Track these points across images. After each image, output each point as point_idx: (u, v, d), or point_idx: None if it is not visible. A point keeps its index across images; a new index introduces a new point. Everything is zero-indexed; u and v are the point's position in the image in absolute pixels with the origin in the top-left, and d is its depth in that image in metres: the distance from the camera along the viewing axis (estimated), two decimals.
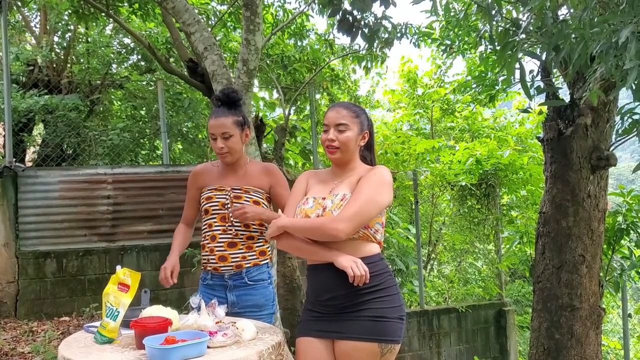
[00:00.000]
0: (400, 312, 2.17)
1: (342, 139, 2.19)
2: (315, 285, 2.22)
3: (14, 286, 5.00)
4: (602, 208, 4.48)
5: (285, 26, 6.97)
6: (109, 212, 5.40)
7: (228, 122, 2.58)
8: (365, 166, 2.30)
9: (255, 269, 2.62)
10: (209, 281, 2.64)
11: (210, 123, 2.61)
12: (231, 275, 2.59)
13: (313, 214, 2.17)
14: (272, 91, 8.22)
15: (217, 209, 2.62)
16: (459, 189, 7.25)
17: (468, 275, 7.64)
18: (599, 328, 4.50)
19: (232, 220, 2.58)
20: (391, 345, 2.12)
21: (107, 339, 2.00)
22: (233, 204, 2.60)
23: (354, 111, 2.24)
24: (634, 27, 2.33)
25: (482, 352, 6.71)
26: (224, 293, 2.60)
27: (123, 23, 6.15)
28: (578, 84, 4.36)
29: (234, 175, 2.68)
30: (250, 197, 2.63)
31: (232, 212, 2.54)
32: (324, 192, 2.25)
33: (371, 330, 2.10)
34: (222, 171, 2.70)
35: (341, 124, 2.20)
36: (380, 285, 2.14)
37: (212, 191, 2.65)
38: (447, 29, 6.43)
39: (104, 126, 7.14)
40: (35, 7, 7.50)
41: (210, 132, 2.60)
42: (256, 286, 2.61)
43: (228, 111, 2.61)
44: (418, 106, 10.35)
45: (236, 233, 2.60)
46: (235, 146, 2.60)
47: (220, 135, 2.57)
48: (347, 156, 2.24)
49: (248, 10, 3.52)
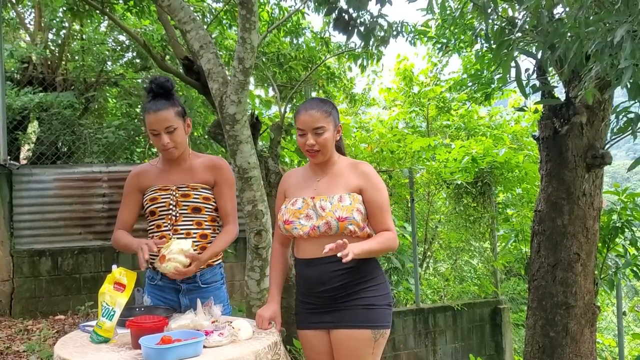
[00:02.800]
0: (388, 300, 2.30)
1: (321, 142, 2.23)
2: (308, 278, 2.29)
3: (9, 285, 4.99)
4: (597, 206, 4.50)
5: (281, 24, 6.95)
6: (104, 211, 5.38)
7: (170, 115, 2.37)
8: (342, 157, 2.37)
9: (209, 271, 2.49)
10: (158, 282, 2.48)
11: (149, 119, 2.36)
12: (184, 280, 2.42)
13: (302, 214, 2.23)
14: (268, 89, 8.20)
15: (164, 209, 2.44)
16: (454, 187, 7.26)
17: (464, 273, 7.66)
18: (593, 326, 4.52)
19: (182, 220, 2.42)
20: (383, 331, 2.25)
21: (103, 338, 2.00)
22: (180, 203, 2.43)
23: (325, 110, 2.25)
24: (629, 26, 2.33)
25: (478, 350, 6.73)
26: (176, 296, 2.46)
27: (118, 20, 6.12)
28: (573, 82, 4.37)
29: (178, 170, 2.49)
30: (199, 193, 2.47)
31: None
32: (310, 191, 2.30)
33: (364, 318, 2.22)
34: (164, 167, 2.50)
35: (317, 127, 2.22)
36: (369, 275, 2.26)
37: (156, 191, 2.47)
38: (443, 27, 6.43)
39: (99, 124, 7.11)
40: (30, 4, 7.46)
41: (151, 128, 2.37)
42: (209, 288, 2.48)
43: (167, 102, 2.39)
44: (414, 104, 10.35)
45: (188, 232, 2.43)
46: (181, 139, 2.41)
47: (163, 130, 2.35)
48: (328, 155, 2.30)
49: (244, 9, 3.50)
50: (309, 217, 2.23)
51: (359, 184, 2.25)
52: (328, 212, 2.19)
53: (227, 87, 3.59)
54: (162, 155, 2.48)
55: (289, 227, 2.26)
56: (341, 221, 2.17)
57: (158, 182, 2.48)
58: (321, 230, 2.20)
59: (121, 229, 2.55)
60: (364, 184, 2.25)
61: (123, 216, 2.55)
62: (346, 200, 2.21)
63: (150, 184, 2.50)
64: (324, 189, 2.28)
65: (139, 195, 2.53)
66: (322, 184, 2.30)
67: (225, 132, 3.59)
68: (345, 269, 2.18)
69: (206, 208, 2.48)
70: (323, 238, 2.19)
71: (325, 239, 2.18)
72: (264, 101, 8.10)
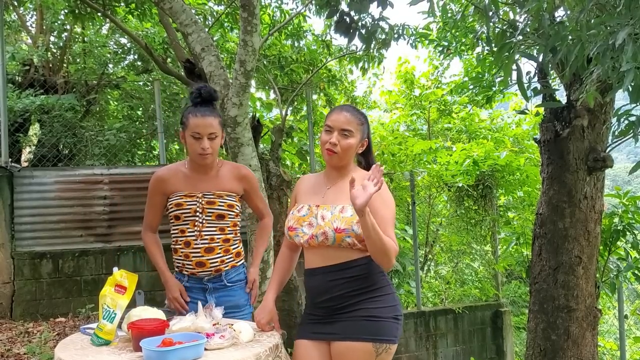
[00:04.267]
0: (395, 312, 2.18)
1: (344, 145, 2.17)
2: (312, 287, 2.23)
3: (10, 287, 4.98)
4: (598, 209, 4.49)
5: (283, 27, 6.96)
6: (105, 213, 5.38)
7: (215, 123, 2.46)
8: (360, 171, 2.28)
9: (234, 271, 2.60)
10: (186, 283, 2.58)
11: (195, 121, 2.42)
12: (210, 279, 2.56)
13: (306, 221, 2.19)
14: (269, 92, 8.20)
15: (189, 215, 2.51)
16: (455, 190, 7.25)
17: (465, 276, 7.65)
18: (595, 329, 4.51)
19: (205, 226, 2.51)
20: (386, 345, 2.12)
21: (103, 340, 1.99)
22: (206, 210, 2.51)
23: (359, 118, 2.22)
24: (630, 29, 2.33)
25: (479, 353, 6.72)
26: (203, 295, 2.55)
27: (120, 23, 6.13)
28: (575, 85, 4.37)
29: (205, 178, 2.55)
30: (224, 201, 2.55)
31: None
32: (317, 199, 2.25)
33: (365, 330, 2.10)
34: (191, 174, 2.56)
35: (346, 129, 2.17)
36: (373, 285, 2.15)
37: (181, 197, 2.52)
38: (444, 30, 6.44)
39: (100, 126, 7.11)
40: (32, 6, 7.47)
41: (196, 131, 2.42)
42: (235, 287, 2.60)
43: (213, 110, 2.49)
44: (415, 107, 10.35)
45: (212, 238, 2.53)
46: (217, 148, 2.50)
47: (207, 135, 2.43)
48: (344, 161, 2.23)
49: (245, 11, 3.51)
50: (311, 225, 2.17)
51: None
52: (327, 222, 2.13)
53: (228, 90, 3.59)
54: (196, 159, 2.50)
55: (292, 233, 2.22)
56: (338, 232, 2.09)
57: (184, 188, 2.54)
58: (319, 239, 2.14)
59: (150, 231, 2.66)
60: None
61: (149, 217, 2.65)
62: (348, 211, 2.11)
63: (175, 189, 2.55)
64: (331, 198, 2.21)
65: (163, 197, 2.59)
66: (330, 193, 2.23)
67: (226, 135, 3.59)
68: (347, 277, 2.12)
69: (229, 215, 2.57)
70: (322, 248, 2.15)
71: (324, 249, 2.14)
72: (265, 104, 8.11)
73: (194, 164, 2.54)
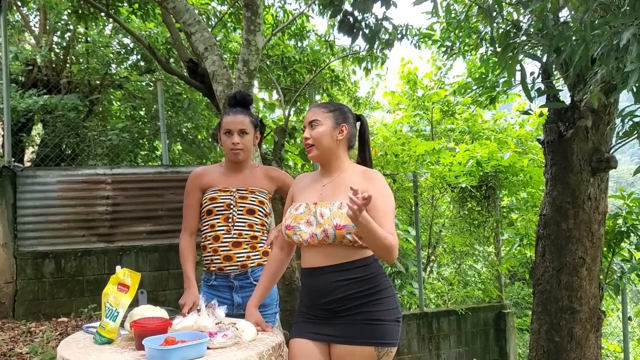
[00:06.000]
0: (396, 315, 2.17)
1: (314, 134, 2.21)
2: (311, 288, 2.20)
3: (12, 286, 4.99)
4: (602, 210, 4.47)
5: (286, 27, 6.97)
6: (107, 213, 5.38)
7: (245, 120, 2.64)
8: (356, 166, 2.28)
9: (260, 269, 2.63)
10: (213, 282, 2.64)
11: (227, 119, 2.64)
12: (237, 276, 2.61)
13: (304, 219, 2.17)
14: (272, 92, 8.21)
15: (222, 209, 2.62)
16: (459, 191, 7.24)
17: (468, 277, 7.63)
18: (598, 331, 4.49)
19: (235, 220, 2.60)
20: (387, 348, 2.11)
21: (106, 339, 1.99)
22: (238, 204, 2.61)
23: (327, 107, 2.26)
24: (635, 30, 2.33)
25: (482, 355, 6.70)
26: (230, 294, 2.61)
27: (123, 23, 6.14)
28: (579, 86, 4.36)
29: (239, 175, 2.70)
30: (256, 197, 2.67)
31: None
32: (314, 197, 2.23)
33: (367, 333, 2.09)
34: (226, 171, 2.72)
35: (313, 120, 2.22)
36: (375, 288, 2.14)
37: (216, 192, 2.66)
38: (447, 31, 6.43)
39: (103, 126, 7.12)
40: (35, 6, 7.49)
41: (227, 127, 2.62)
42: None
43: (245, 110, 2.68)
44: (418, 108, 10.34)
45: (240, 233, 2.61)
46: (249, 145, 2.66)
47: (237, 131, 2.61)
48: (324, 153, 2.23)
49: (249, 11, 3.51)
50: (309, 224, 2.15)
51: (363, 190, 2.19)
52: (326, 219, 2.10)
53: (231, 89, 3.59)
54: (229, 155, 2.67)
55: (290, 232, 2.20)
56: (338, 229, 2.08)
57: (219, 183, 2.68)
58: (319, 237, 2.12)
59: (188, 235, 2.70)
60: (368, 189, 2.16)
61: (189, 219, 2.71)
62: (346, 207, 2.10)
63: (211, 184, 2.68)
64: (328, 195, 2.19)
65: (200, 194, 2.70)
66: (327, 190, 2.22)
67: None
68: (349, 279, 2.10)
69: (259, 211, 2.67)
70: (322, 246, 2.13)
71: (325, 247, 2.13)
72: (268, 104, 8.12)
73: (229, 162, 2.71)
